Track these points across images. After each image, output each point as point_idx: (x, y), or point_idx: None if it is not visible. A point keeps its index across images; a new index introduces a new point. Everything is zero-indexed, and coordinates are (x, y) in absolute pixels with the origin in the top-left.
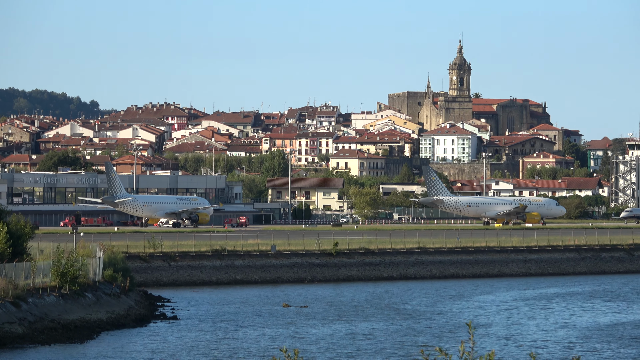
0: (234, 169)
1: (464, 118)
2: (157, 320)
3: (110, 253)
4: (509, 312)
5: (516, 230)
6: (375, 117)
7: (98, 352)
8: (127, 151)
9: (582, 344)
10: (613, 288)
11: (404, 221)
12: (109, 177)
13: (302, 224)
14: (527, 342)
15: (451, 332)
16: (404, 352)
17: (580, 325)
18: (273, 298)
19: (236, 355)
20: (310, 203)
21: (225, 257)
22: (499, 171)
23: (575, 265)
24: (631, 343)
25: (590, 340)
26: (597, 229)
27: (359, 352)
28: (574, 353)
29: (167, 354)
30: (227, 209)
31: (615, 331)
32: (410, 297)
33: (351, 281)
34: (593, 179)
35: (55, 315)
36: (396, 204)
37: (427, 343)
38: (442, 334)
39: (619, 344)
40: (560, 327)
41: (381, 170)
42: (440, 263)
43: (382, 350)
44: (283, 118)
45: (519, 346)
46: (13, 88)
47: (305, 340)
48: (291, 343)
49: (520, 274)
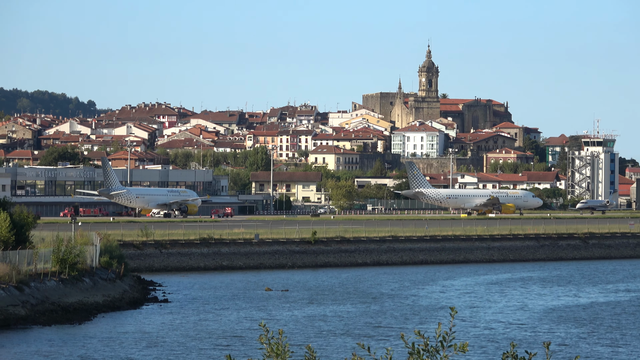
0: (220, 164)
1: (432, 117)
2: (149, 303)
3: (106, 241)
4: (470, 295)
5: (480, 220)
6: (351, 115)
7: (95, 332)
8: (122, 147)
9: (536, 325)
10: (568, 273)
11: (377, 212)
12: (105, 171)
13: (283, 214)
14: (484, 324)
15: (415, 314)
16: (372, 332)
17: (536, 308)
18: (256, 283)
19: (213, 334)
20: (290, 195)
21: (212, 244)
22: (464, 166)
23: (535, 252)
24: (581, 324)
25: (544, 321)
26: (555, 219)
27: (329, 332)
28: (527, 334)
29: (154, 334)
30: (214, 200)
31: (569, 313)
32: (381, 281)
33: (328, 267)
34: (551, 173)
35: (56, 298)
36: (370, 196)
37: (391, 325)
38: (408, 316)
39: (570, 325)
40: (517, 309)
41: (356, 165)
42: (410, 250)
43: (351, 330)
44: (265, 117)
45: (474, 327)
46: (16, 89)
47: (280, 322)
48: (266, 324)
49: (484, 260)
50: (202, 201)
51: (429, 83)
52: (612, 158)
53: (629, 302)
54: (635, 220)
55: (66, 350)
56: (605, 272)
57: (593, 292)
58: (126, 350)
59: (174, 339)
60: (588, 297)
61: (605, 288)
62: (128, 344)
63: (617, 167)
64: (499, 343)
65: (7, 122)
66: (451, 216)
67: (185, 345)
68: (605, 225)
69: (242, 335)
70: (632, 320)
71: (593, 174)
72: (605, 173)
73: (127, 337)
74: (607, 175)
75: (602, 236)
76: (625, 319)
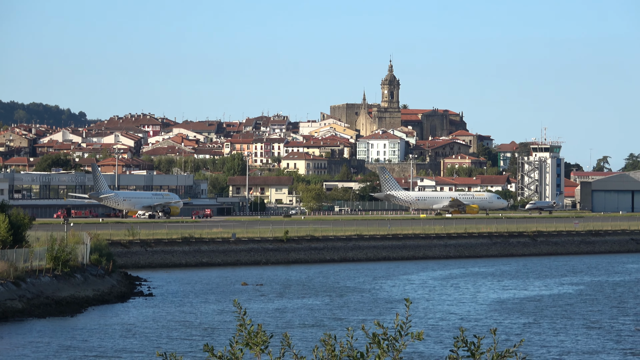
0: (200, 169)
1: (394, 126)
2: (135, 296)
3: (95, 240)
4: (427, 289)
5: (438, 220)
6: (319, 125)
7: (85, 324)
8: (110, 154)
9: (486, 315)
10: (518, 269)
11: (344, 213)
12: (94, 176)
13: (258, 215)
14: (439, 314)
15: (376, 306)
16: (336, 323)
17: (486, 300)
18: (233, 278)
19: (193, 325)
20: (264, 198)
21: (193, 243)
22: (423, 170)
23: (488, 249)
24: (527, 314)
25: (493, 312)
26: (506, 219)
27: (296, 322)
28: (477, 324)
29: (139, 325)
30: (195, 202)
31: (517, 304)
32: (347, 276)
33: (299, 263)
34: (502, 177)
35: (50, 292)
36: (337, 198)
37: (354, 316)
38: (370, 307)
39: (517, 315)
40: (469, 301)
41: (324, 170)
42: (374, 248)
43: (317, 321)
44: (241, 126)
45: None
46: (13, 101)
47: (253, 312)
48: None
49: (441, 257)
50: (184, 203)
51: (391, 95)
52: (558, 163)
53: (571, 294)
54: (579, 219)
55: (62, 340)
56: (551, 267)
57: (539, 285)
58: (113, 340)
59: (157, 330)
60: (534, 290)
61: (550, 282)
62: (115, 334)
63: (563, 171)
64: (452, 332)
65: (4, 132)
66: (411, 216)
67: (167, 335)
68: (552, 224)
69: (219, 326)
70: (574, 311)
71: (541, 178)
72: (552, 176)
73: (114, 327)
74: (553, 178)
75: (549, 234)
76: (568, 310)
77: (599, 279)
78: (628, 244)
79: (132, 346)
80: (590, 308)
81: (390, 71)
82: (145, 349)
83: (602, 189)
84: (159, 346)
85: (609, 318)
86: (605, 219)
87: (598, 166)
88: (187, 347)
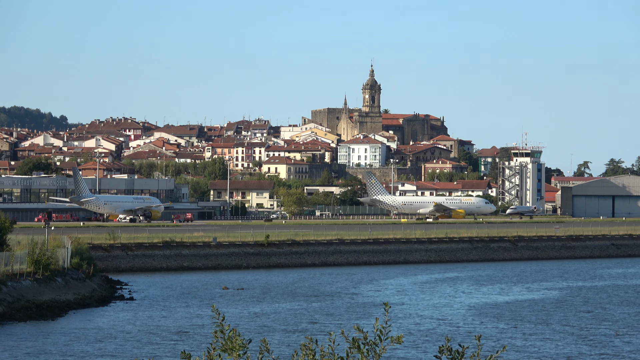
0: (181, 173)
1: (375, 130)
2: (116, 300)
3: (76, 244)
4: (407, 293)
5: (419, 225)
6: (301, 129)
7: (66, 327)
8: (91, 158)
9: (467, 320)
10: (498, 273)
11: (325, 217)
12: (75, 180)
13: (239, 219)
14: (418, 319)
15: (356, 311)
16: (315, 327)
17: (467, 304)
18: (214, 282)
19: (172, 329)
20: (245, 202)
21: (174, 247)
22: (404, 175)
23: (469, 254)
24: (506, 319)
25: (474, 317)
26: (487, 223)
27: (275, 327)
28: (458, 328)
29: (118, 330)
30: (176, 206)
31: (496, 309)
32: (328, 281)
33: (280, 267)
34: (483, 182)
35: (31, 296)
36: (318, 203)
37: (335, 320)
38: (350, 312)
39: (497, 320)
40: (450, 305)
41: (305, 174)
42: (355, 252)
43: (298, 325)
44: (223, 130)
45: (410, 322)
46: None
47: (232, 317)
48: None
49: (422, 261)
50: (165, 207)
51: (372, 99)
52: (539, 168)
53: (550, 299)
54: (560, 224)
55: (42, 344)
56: (531, 272)
57: (518, 290)
58: (93, 345)
59: (137, 334)
60: (513, 294)
61: (530, 286)
62: (95, 338)
63: (544, 176)
64: (432, 336)
65: None
66: (392, 221)
67: (147, 340)
68: (533, 229)
69: (198, 331)
70: (552, 316)
71: (522, 182)
72: (533, 181)
73: (95, 331)
74: (534, 183)
75: (530, 239)
76: (547, 314)
77: (578, 284)
78: (608, 249)
79: (111, 350)
80: (569, 313)
81: (371, 76)
82: (125, 354)
83: (582, 194)
84: (136, 353)
85: (588, 323)
86: (586, 224)
87: (579, 171)
88: (167, 351)
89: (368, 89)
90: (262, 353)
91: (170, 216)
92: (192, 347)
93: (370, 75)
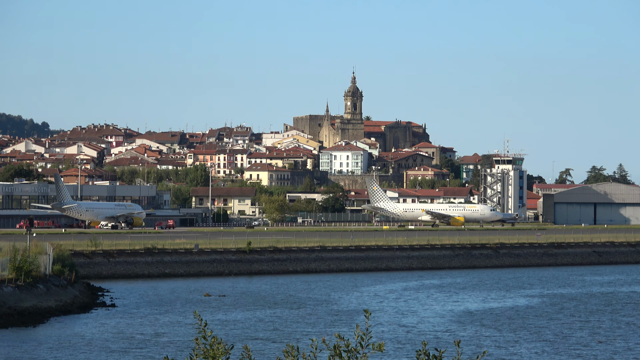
0: (163, 180)
1: (357, 137)
2: (98, 307)
3: (58, 251)
4: (388, 300)
5: (401, 232)
6: (283, 136)
7: (48, 334)
8: (73, 165)
9: (447, 326)
10: (480, 280)
11: (307, 224)
12: (57, 186)
13: (221, 226)
14: (398, 326)
15: (338, 318)
16: (297, 334)
17: (447, 311)
18: (196, 289)
19: (154, 336)
20: (227, 209)
21: (156, 254)
22: (386, 182)
23: (451, 261)
24: (486, 326)
25: (454, 323)
26: (469, 230)
27: (257, 335)
28: (438, 334)
29: (99, 337)
30: (158, 213)
31: (477, 316)
32: (310, 288)
33: (262, 274)
34: (465, 189)
35: (12, 303)
36: (300, 209)
37: (314, 328)
38: (332, 319)
39: (477, 326)
40: (430, 312)
41: (287, 181)
42: (337, 259)
43: (278, 332)
44: (204, 137)
45: (390, 329)
46: None
47: (214, 323)
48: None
49: (404, 268)
50: (147, 214)
51: (354, 106)
52: (521, 175)
53: (531, 306)
54: (541, 231)
55: (21, 352)
56: (513, 279)
57: (499, 297)
58: (74, 351)
59: (118, 341)
60: (494, 302)
61: (511, 294)
62: (77, 345)
63: (525, 183)
64: (411, 343)
65: None
66: (374, 228)
67: (128, 346)
68: (515, 236)
69: (181, 337)
70: (533, 323)
71: (503, 190)
72: (515, 189)
73: (77, 339)
74: (516, 190)
75: (511, 246)
76: (527, 321)
77: (559, 291)
78: (590, 256)
79: (93, 358)
80: (549, 320)
81: (353, 83)
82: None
83: (564, 201)
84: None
85: (569, 330)
86: (568, 231)
87: (560, 179)
88: (147, 358)
89: (350, 96)
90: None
91: (152, 223)
92: (174, 354)
93: (352, 82)
